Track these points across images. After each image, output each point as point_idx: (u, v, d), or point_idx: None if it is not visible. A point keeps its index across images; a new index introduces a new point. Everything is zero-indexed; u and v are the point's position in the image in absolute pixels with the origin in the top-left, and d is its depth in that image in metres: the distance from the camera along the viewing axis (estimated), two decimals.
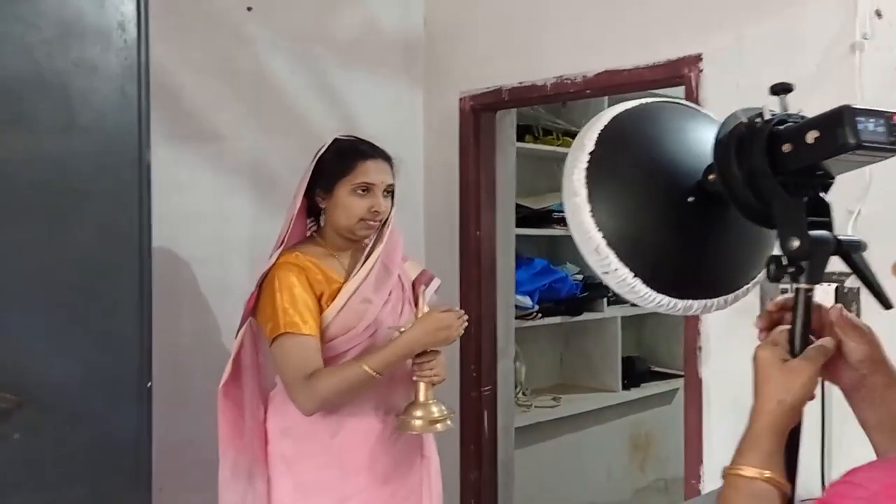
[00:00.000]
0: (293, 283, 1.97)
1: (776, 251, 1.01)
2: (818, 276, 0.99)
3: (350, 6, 2.99)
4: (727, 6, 2.40)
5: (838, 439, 2.15)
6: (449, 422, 2.00)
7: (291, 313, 1.93)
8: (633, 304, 3.77)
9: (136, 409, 1.89)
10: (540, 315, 3.64)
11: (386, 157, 2.11)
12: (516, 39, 2.92)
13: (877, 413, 1.00)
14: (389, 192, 2.09)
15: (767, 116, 1.00)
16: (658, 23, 2.56)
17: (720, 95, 2.41)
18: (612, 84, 2.71)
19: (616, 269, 1.01)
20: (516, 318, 3.40)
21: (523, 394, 3.72)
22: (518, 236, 3.48)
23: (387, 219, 2.11)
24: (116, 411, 1.86)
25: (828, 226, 1.00)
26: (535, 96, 2.89)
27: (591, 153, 1.04)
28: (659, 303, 1.05)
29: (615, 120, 1.09)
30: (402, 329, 1.96)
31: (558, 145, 3.80)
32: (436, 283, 2.21)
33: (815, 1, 2.23)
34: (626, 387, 3.99)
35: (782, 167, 0.97)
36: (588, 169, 1.03)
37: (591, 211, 1.02)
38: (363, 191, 2.03)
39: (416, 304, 2.06)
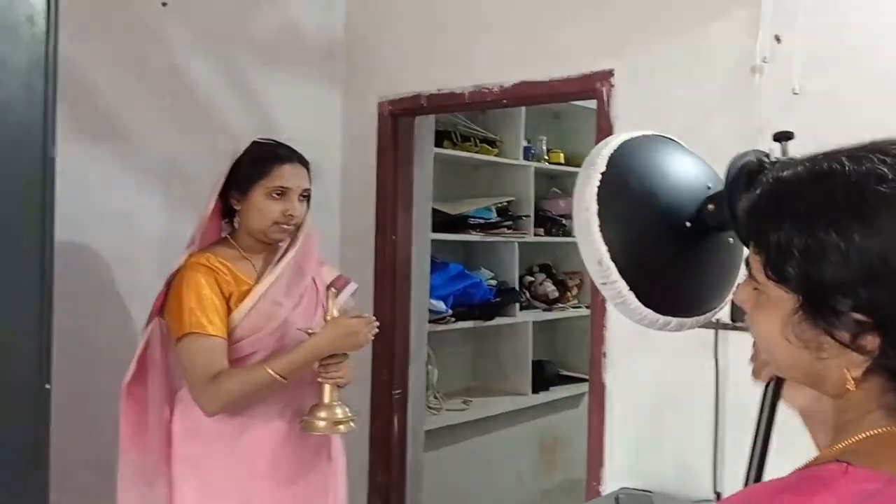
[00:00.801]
0: (201, 283, 1.96)
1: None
2: None
3: (271, 7, 2.97)
4: (638, 25, 2.49)
5: (731, 444, 2.26)
6: (353, 423, 2.03)
7: (198, 314, 1.93)
8: (545, 310, 3.89)
9: (35, 412, 1.85)
10: (454, 319, 3.69)
11: (303, 162, 2.11)
12: (437, 47, 2.95)
13: None
14: (305, 196, 2.10)
15: (773, 158, 1.11)
16: (574, 38, 2.64)
17: (630, 110, 2.49)
18: (529, 95, 2.77)
19: (615, 282, 1.10)
20: (430, 321, 3.43)
21: (434, 397, 3.75)
22: (434, 241, 3.52)
23: (302, 223, 2.11)
24: (12, 415, 1.81)
25: None
26: (453, 104, 2.94)
27: (602, 173, 1.13)
28: (644, 316, 1.14)
29: (623, 145, 1.18)
30: (312, 331, 1.97)
31: (476, 151, 3.85)
32: (351, 287, 2.22)
33: (719, 24, 2.33)
34: (535, 390, 4.07)
35: None
36: (600, 186, 1.12)
37: (600, 225, 1.10)
38: (278, 194, 2.03)
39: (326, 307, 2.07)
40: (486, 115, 4.00)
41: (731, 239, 1.23)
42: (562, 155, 4.31)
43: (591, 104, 2.65)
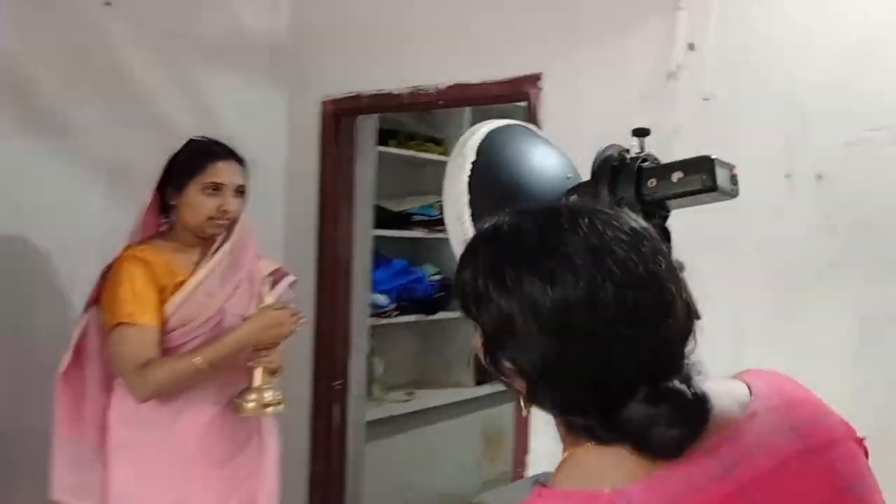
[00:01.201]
0: (134, 275, 2.04)
1: None
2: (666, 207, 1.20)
3: (216, 6, 3.04)
4: (565, 31, 2.60)
5: None
6: (281, 406, 2.13)
7: (131, 305, 2.01)
8: None
9: None
10: (397, 313, 3.78)
11: (238, 159, 2.19)
12: (377, 48, 3.05)
13: None
14: (240, 192, 2.18)
15: (633, 154, 1.21)
16: (504, 41, 2.74)
17: (558, 113, 2.60)
18: (463, 96, 2.88)
19: (464, 222, 1.16)
20: (373, 315, 3.53)
21: (378, 388, 3.85)
22: (379, 237, 3.61)
23: (237, 218, 2.19)
24: None
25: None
26: (392, 104, 3.03)
27: (472, 162, 1.21)
28: None
29: (490, 134, 1.26)
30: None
31: (421, 150, 3.95)
32: (288, 279, 2.30)
33: (637, 31, 2.45)
34: (478, 383, 4.18)
35: (645, 197, 1.18)
36: (471, 175, 1.19)
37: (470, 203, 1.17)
38: (213, 190, 2.11)
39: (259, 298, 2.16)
40: (433, 115, 4.11)
41: None
42: None
43: (522, 107, 2.76)
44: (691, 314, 0.85)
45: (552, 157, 1.31)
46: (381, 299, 3.68)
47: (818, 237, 2.16)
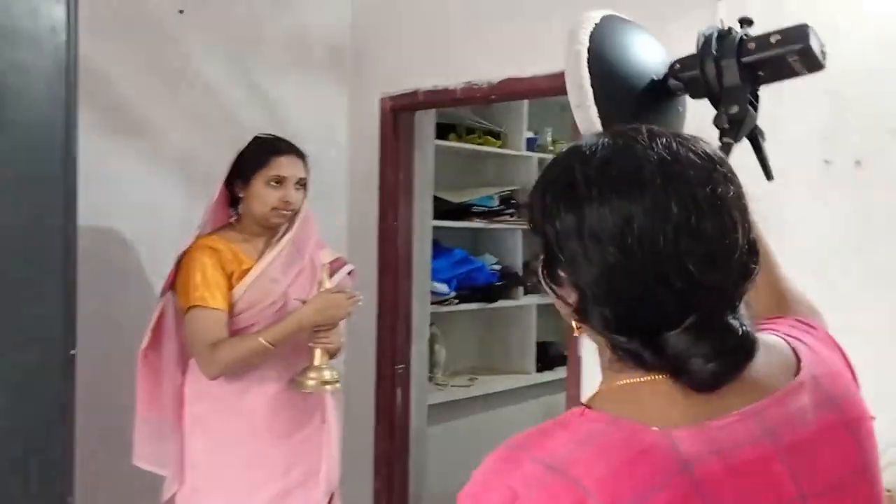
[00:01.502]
0: (206, 262, 2.23)
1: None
2: (741, 136, 1.30)
3: (281, 10, 3.22)
4: None
5: None
6: (338, 385, 2.30)
7: (202, 289, 2.20)
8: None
9: (62, 375, 2.12)
10: (457, 301, 3.91)
11: (299, 154, 2.37)
12: (432, 45, 3.18)
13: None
14: (301, 184, 2.35)
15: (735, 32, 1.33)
16: (554, 34, 2.82)
17: None
18: (515, 91, 2.98)
19: (588, 107, 1.24)
20: (433, 303, 3.66)
21: (442, 374, 3.98)
22: (440, 228, 3.75)
23: (299, 209, 2.36)
24: (44, 376, 2.08)
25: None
26: (447, 99, 3.16)
27: (588, 49, 1.30)
28: None
29: (600, 23, 1.36)
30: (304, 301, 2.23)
31: (480, 144, 4.06)
32: (347, 268, 2.46)
33: (679, 19, 2.51)
34: (539, 370, 4.28)
35: (745, 57, 1.28)
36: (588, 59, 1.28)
37: (588, 60, 1.27)
38: (276, 183, 2.29)
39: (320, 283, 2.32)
40: (492, 109, 4.22)
41: (680, 108, 1.43)
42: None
43: None
44: (753, 252, 0.84)
45: (652, 40, 1.43)
46: (442, 287, 3.81)
47: (856, 223, 2.20)
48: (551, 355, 4.38)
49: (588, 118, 1.25)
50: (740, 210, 0.83)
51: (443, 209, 3.81)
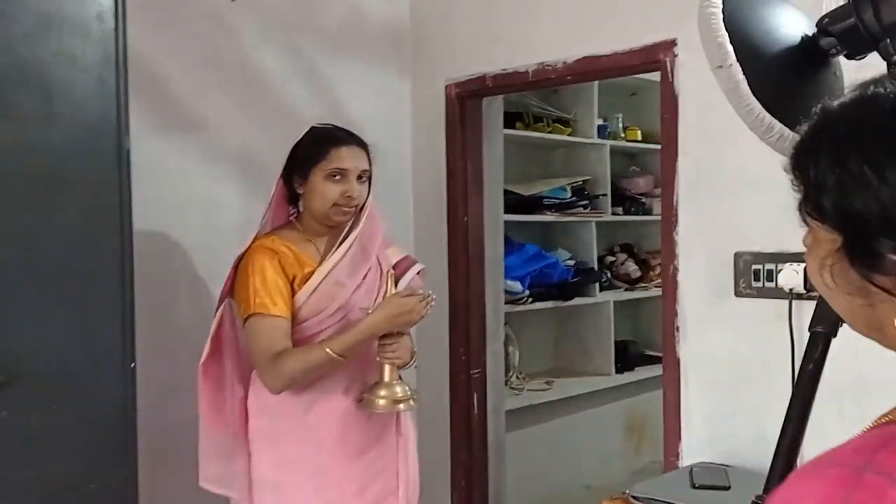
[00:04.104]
0: (265, 266, 2.03)
1: None
2: None
3: None
4: None
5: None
6: (412, 402, 2.08)
7: (262, 295, 2.00)
8: (627, 290, 3.87)
9: (122, 389, 1.97)
10: (531, 300, 3.70)
11: (361, 144, 2.14)
12: (499, 27, 2.97)
13: None
14: (365, 177, 2.13)
15: None
16: (634, 9, 2.61)
17: (694, 79, 2.45)
18: (592, 70, 2.76)
19: (731, 65, 1.21)
20: (507, 302, 3.45)
21: (517, 377, 3.77)
22: (509, 223, 3.54)
23: (364, 204, 2.14)
24: (101, 391, 1.93)
25: None
26: (518, 83, 2.94)
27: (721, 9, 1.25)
28: (751, 109, 1.23)
29: None
30: (371, 310, 2.01)
31: (548, 132, 3.84)
32: (416, 267, 2.24)
33: None
34: (619, 370, 4.04)
35: None
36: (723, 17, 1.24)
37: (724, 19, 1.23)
38: (337, 176, 2.07)
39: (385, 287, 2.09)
40: (560, 95, 3.99)
41: (836, 72, 1.34)
42: (639, 132, 4.25)
43: (655, 76, 2.62)
44: None
45: (788, 4, 1.37)
46: (515, 286, 3.60)
47: None
48: (631, 355, 4.14)
49: (732, 78, 1.20)
50: None
51: (512, 202, 3.60)
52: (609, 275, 4.21)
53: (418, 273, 2.25)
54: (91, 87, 1.87)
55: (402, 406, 2.06)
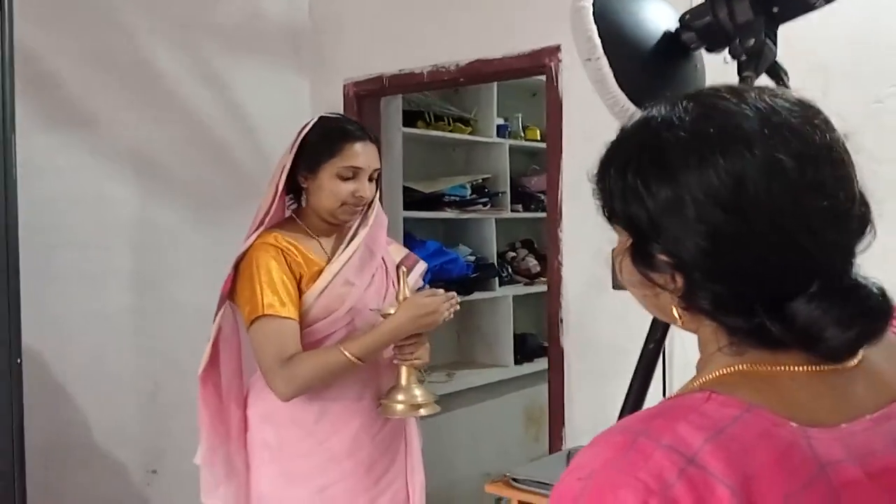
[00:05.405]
0: (272, 264, 1.89)
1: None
2: (762, 69, 1.28)
3: None
4: None
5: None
6: (435, 405, 1.98)
7: (269, 295, 1.87)
8: (527, 284, 3.99)
9: (8, 385, 1.98)
10: None
11: (374, 140, 2.02)
12: (396, 28, 3.05)
13: None
14: (375, 176, 2.01)
15: None
16: (523, 15, 2.72)
17: (578, 83, 2.57)
18: (484, 72, 2.86)
19: (598, 58, 1.25)
20: None
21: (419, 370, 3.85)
22: (411, 219, 3.61)
23: (371, 202, 2.04)
24: None
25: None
26: (413, 83, 3.03)
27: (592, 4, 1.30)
28: (616, 99, 1.29)
29: None
30: (385, 312, 1.90)
31: (449, 131, 3.93)
32: (420, 266, 2.16)
33: None
34: (518, 362, 4.16)
35: None
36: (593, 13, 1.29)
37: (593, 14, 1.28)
38: (349, 175, 1.94)
39: (398, 287, 1.99)
40: (460, 95, 4.09)
41: (697, 65, 1.41)
42: (538, 132, 4.38)
43: (541, 80, 2.73)
44: (865, 203, 0.77)
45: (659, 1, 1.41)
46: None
47: None
48: (530, 347, 4.26)
49: (599, 70, 1.25)
50: (848, 155, 0.76)
51: (414, 199, 3.68)
52: (510, 270, 4.33)
53: (421, 273, 2.17)
54: None
55: (423, 411, 1.95)
